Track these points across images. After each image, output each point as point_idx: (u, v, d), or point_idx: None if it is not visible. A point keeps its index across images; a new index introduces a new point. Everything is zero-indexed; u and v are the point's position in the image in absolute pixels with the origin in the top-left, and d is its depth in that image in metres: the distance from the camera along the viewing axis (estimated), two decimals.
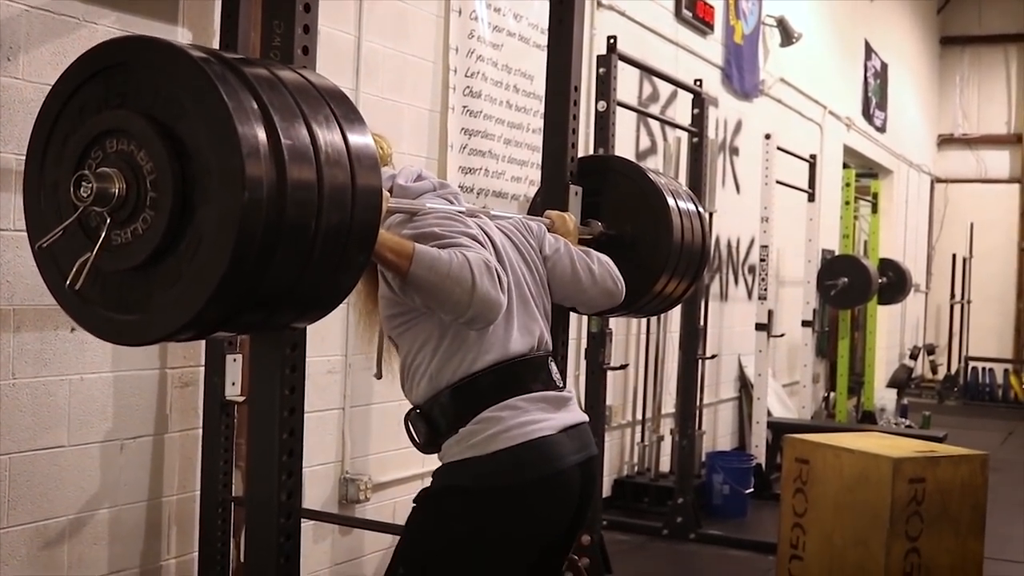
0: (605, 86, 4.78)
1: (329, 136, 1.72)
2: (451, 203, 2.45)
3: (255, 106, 1.63)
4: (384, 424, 4.50)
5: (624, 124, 5.90)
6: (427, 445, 2.34)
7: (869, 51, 12.11)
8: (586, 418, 2.44)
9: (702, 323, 6.38)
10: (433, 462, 4.99)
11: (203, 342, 3.60)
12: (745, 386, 8.38)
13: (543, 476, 2.25)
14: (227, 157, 1.58)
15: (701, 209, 3.34)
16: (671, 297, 3.27)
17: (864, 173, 12.13)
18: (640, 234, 3.16)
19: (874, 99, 12.36)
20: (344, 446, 4.34)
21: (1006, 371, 14.38)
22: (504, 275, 2.22)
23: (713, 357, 7.27)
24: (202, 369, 3.61)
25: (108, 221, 1.68)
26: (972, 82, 16.18)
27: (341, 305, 3.88)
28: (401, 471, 4.65)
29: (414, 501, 2.37)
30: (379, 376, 2.52)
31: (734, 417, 8.43)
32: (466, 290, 2.07)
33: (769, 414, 7.70)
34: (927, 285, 15.43)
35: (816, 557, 4.19)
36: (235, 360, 3.52)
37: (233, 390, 3.53)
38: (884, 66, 12.72)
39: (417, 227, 2.25)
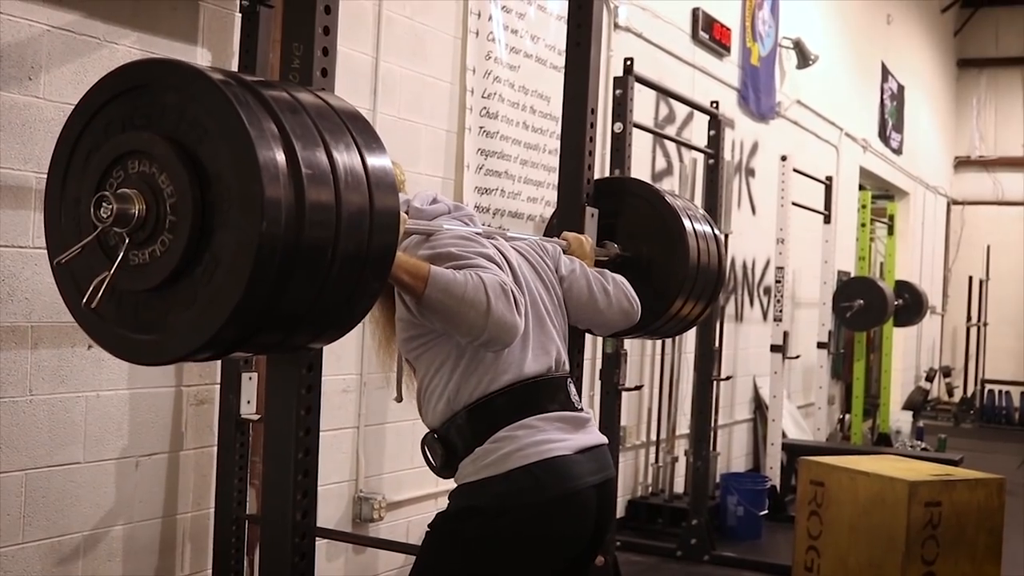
0: (622, 107, 4.79)
1: (348, 160, 1.73)
2: (467, 225, 2.45)
3: (275, 130, 1.64)
4: (399, 443, 4.51)
5: (640, 145, 5.91)
6: (444, 468, 2.32)
7: (886, 73, 12.11)
8: (605, 440, 2.42)
9: (717, 344, 6.37)
10: (447, 481, 4.98)
11: (219, 361, 3.61)
12: (760, 407, 8.35)
13: (559, 496, 2.22)
14: (247, 183, 1.59)
15: (717, 231, 3.34)
16: (687, 319, 3.27)
17: (880, 195, 12.10)
18: (656, 256, 3.17)
19: (891, 121, 12.34)
20: (358, 465, 4.34)
21: (1023, 394, 14.30)
22: (520, 296, 2.21)
23: (728, 378, 7.25)
24: (218, 387, 3.63)
25: (127, 242, 1.69)
26: (989, 104, 16.15)
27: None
28: (415, 490, 4.64)
29: (429, 526, 2.34)
30: (400, 400, 2.50)
31: (749, 438, 8.40)
32: (481, 313, 2.06)
33: (784, 436, 7.67)
34: (943, 307, 15.37)
35: None
36: (251, 379, 3.54)
37: (248, 408, 3.55)
38: (901, 88, 12.71)
39: (433, 247, 2.25)
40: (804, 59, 8.66)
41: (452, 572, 2.23)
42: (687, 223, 3.15)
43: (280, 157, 1.62)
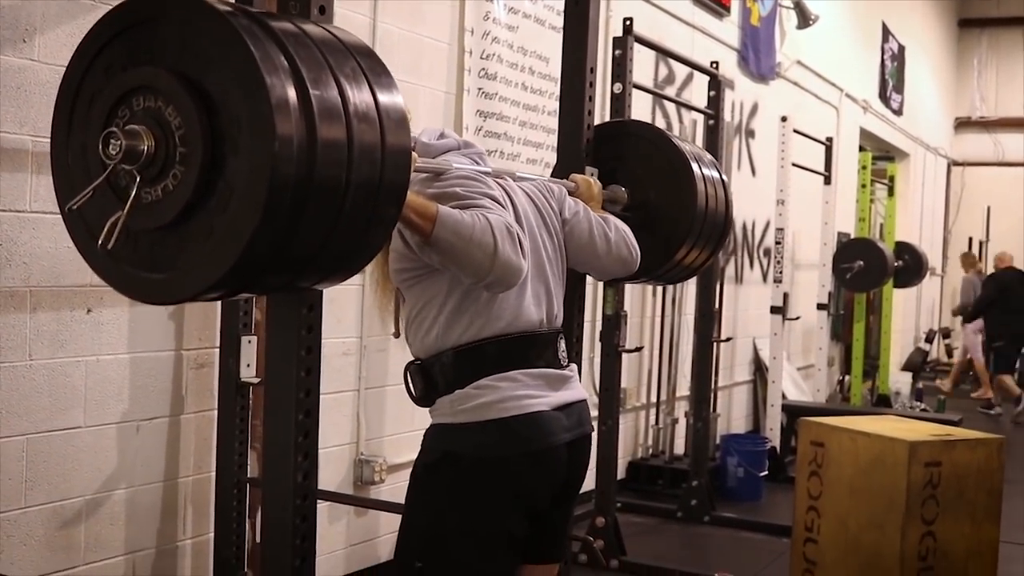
0: (621, 68, 4.76)
1: (358, 91, 1.70)
2: (476, 163, 2.43)
3: (283, 60, 1.61)
4: (399, 406, 4.51)
5: (640, 106, 5.88)
6: (422, 399, 2.35)
7: (886, 33, 12.04)
8: (585, 396, 2.45)
9: (717, 306, 6.37)
10: None
11: (219, 323, 3.61)
12: (760, 369, 8.36)
13: (533, 450, 2.27)
14: (256, 108, 1.57)
15: (724, 176, 3.28)
16: (692, 266, 3.22)
17: (881, 156, 12.06)
18: (663, 201, 3.10)
19: (891, 82, 12.29)
20: (359, 428, 4.35)
21: (1022, 353, 14.29)
22: (524, 239, 2.21)
23: (728, 340, 7.26)
24: (217, 351, 3.62)
25: (138, 179, 1.67)
26: (990, 65, 16.09)
27: (356, 288, 3.90)
28: (415, 452, 4.64)
29: (412, 474, 2.39)
30: (397, 335, 2.50)
31: (749, 400, 8.42)
32: (487, 254, 2.07)
33: (784, 397, 7.68)
34: (943, 268, 15.36)
35: (831, 540, 4.18)
36: (250, 342, 3.53)
37: (248, 372, 3.55)
38: (901, 48, 12.64)
39: (439, 187, 2.24)
40: (804, 19, 8.59)
41: (434, 522, 2.28)
42: (695, 166, 3.09)
43: (288, 82, 1.60)
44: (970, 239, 14.39)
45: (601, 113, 5.06)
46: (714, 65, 5.76)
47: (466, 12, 4.73)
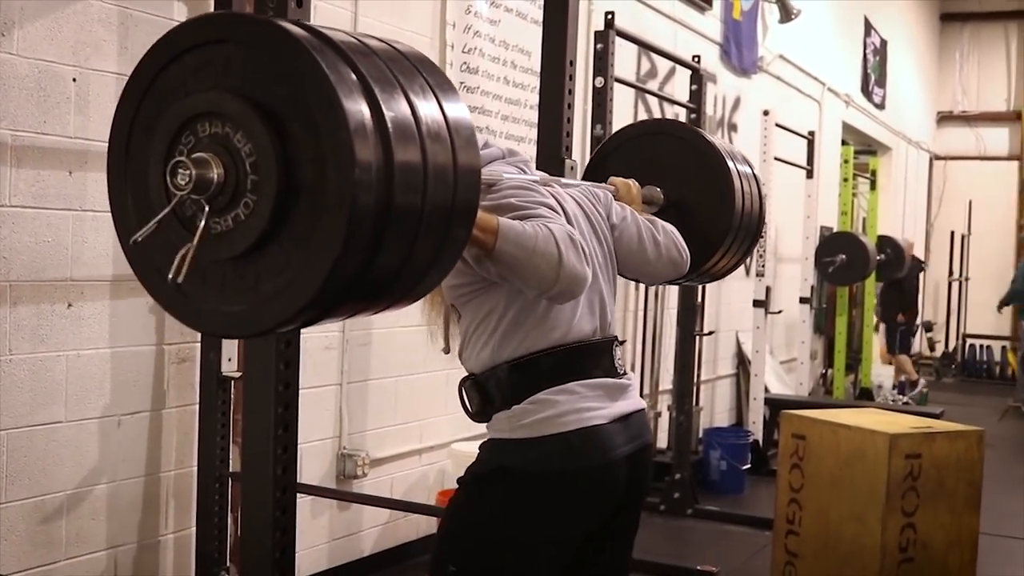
0: (603, 62, 4.76)
1: (428, 109, 1.65)
2: (522, 171, 2.36)
3: (355, 79, 1.56)
4: (382, 400, 4.51)
5: (622, 100, 5.88)
6: (478, 415, 2.29)
7: (868, 27, 12.07)
8: (643, 405, 2.38)
9: (700, 299, 6.38)
10: (431, 437, 5.01)
11: None
12: (743, 363, 8.39)
13: (590, 466, 2.21)
14: (334, 133, 1.51)
15: (756, 171, 3.20)
16: (728, 265, 3.13)
17: (863, 150, 12.09)
18: (701, 200, 3.01)
19: (873, 76, 12.32)
20: (342, 422, 4.35)
21: (1003, 348, 14.40)
22: (586, 247, 2.15)
23: (711, 333, 7.27)
24: (198, 345, 3.62)
25: (207, 209, 1.59)
26: (972, 59, 16.13)
27: None
28: (399, 447, 4.66)
29: (459, 481, 2.32)
30: (447, 351, 2.43)
31: (731, 393, 8.45)
32: (552, 265, 2.01)
33: (766, 390, 7.71)
34: (925, 262, 15.42)
35: (812, 532, 4.20)
36: None
37: (230, 366, 3.54)
38: (884, 43, 12.67)
39: (493, 199, 2.17)
40: (786, 13, 8.61)
41: (478, 530, 2.22)
42: (731, 164, 3.01)
43: (363, 104, 1.54)
44: (952, 233, 14.45)
45: (583, 107, 5.07)
46: (696, 59, 5.77)
47: (448, 6, 4.73)
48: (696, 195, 3.02)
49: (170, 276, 1.61)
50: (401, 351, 4.59)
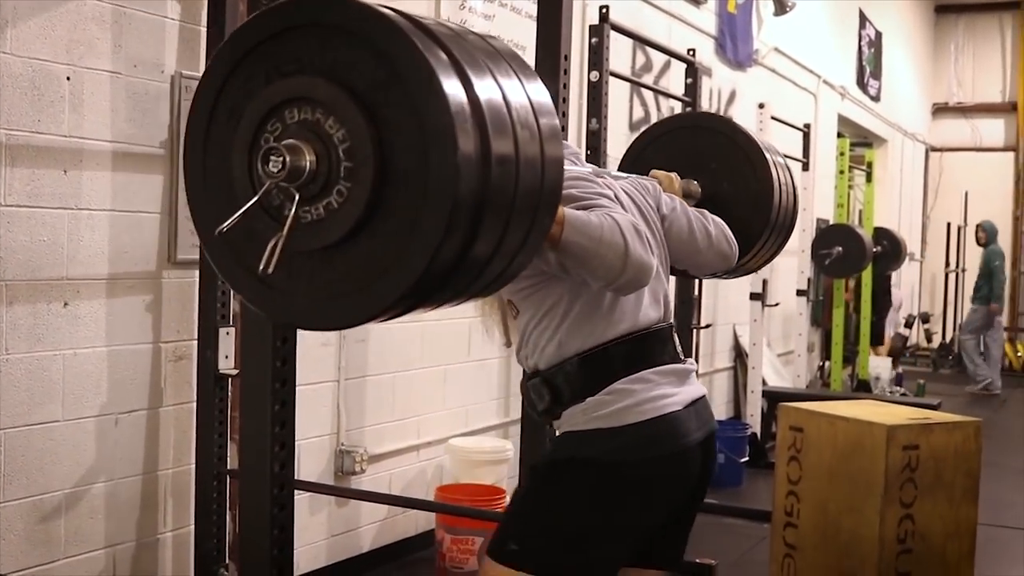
0: (598, 56, 4.75)
1: (518, 99, 1.62)
2: (574, 163, 2.32)
3: (452, 67, 1.51)
4: (379, 396, 4.51)
5: (617, 94, 5.88)
6: (546, 412, 2.25)
7: (863, 20, 12.06)
8: (705, 391, 2.37)
9: (697, 292, 6.38)
10: (428, 433, 5.00)
11: (196, 315, 3.60)
12: (740, 356, 8.39)
13: (670, 453, 2.20)
14: (436, 120, 1.47)
15: (788, 163, 3.17)
16: (765, 258, 3.12)
17: (858, 142, 12.10)
18: (739, 193, 2.98)
19: (868, 68, 12.32)
20: (339, 418, 4.34)
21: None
22: (650, 236, 2.13)
23: (708, 327, 7.26)
24: (195, 343, 3.61)
25: (297, 198, 1.55)
26: (967, 50, 16.13)
27: None
28: (397, 443, 4.66)
29: (529, 469, 2.30)
30: (508, 344, 2.41)
31: (729, 386, 8.45)
32: (619, 255, 1.97)
33: (764, 383, 7.71)
34: (922, 254, 15.43)
35: (810, 524, 4.20)
36: (228, 333, 3.53)
37: (227, 363, 3.54)
38: (878, 35, 12.67)
39: None
40: (781, 6, 8.62)
41: (551, 515, 2.19)
42: (769, 157, 2.99)
43: (462, 91, 1.50)
44: (948, 224, 14.45)
45: (578, 101, 5.07)
46: (691, 52, 5.76)
47: (442, 1, 4.72)
48: (733, 189, 2.99)
49: (260, 268, 1.56)
50: (398, 346, 4.59)
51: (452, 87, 1.48)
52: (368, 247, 1.54)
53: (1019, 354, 14.20)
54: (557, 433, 2.26)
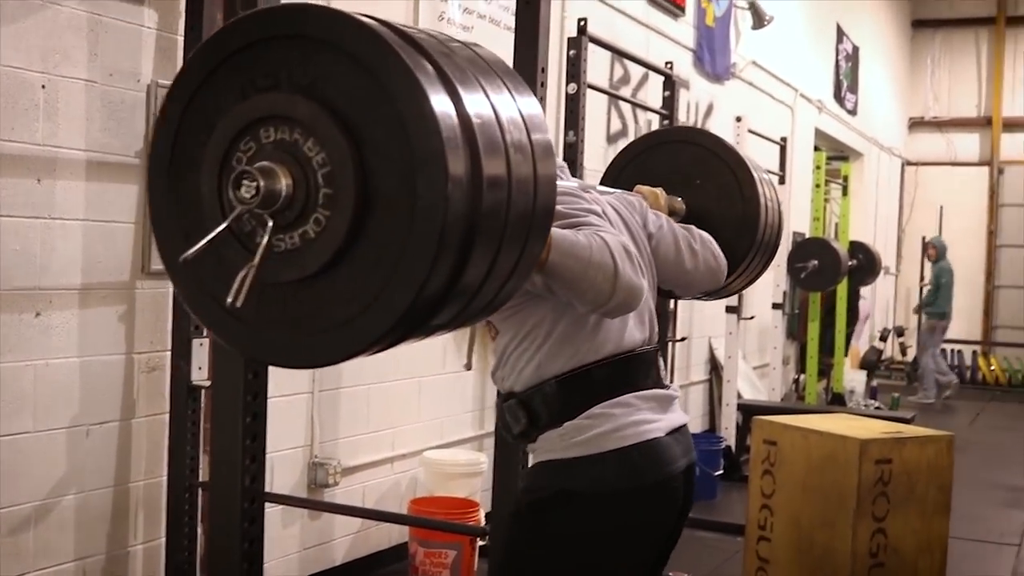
0: (576, 68, 4.76)
1: (511, 118, 1.51)
2: (560, 178, 2.13)
3: (442, 85, 1.41)
4: (353, 408, 4.50)
5: (595, 106, 5.89)
6: (521, 435, 2.15)
7: (841, 34, 12.14)
8: (688, 419, 2.28)
9: (672, 306, 6.40)
10: (403, 445, 4.98)
11: (170, 326, 3.58)
12: (715, 368, 8.41)
13: (654, 482, 2.10)
14: (425, 144, 1.36)
15: (774, 180, 3.07)
16: (748, 279, 3.03)
17: (835, 156, 12.16)
18: (724, 211, 2.89)
19: (845, 82, 12.39)
20: (313, 430, 4.33)
21: (974, 353, 14.52)
22: (640, 258, 2.04)
23: (683, 340, 7.29)
24: (168, 354, 3.59)
25: (270, 225, 1.43)
26: (943, 65, 16.25)
27: None
28: (371, 455, 4.64)
29: (511, 514, 2.18)
30: (469, 367, 2.35)
31: (704, 399, 8.47)
32: (608, 277, 1.88)
33: (739, 396, 7.73)
34: (897, 268, 15.52)
35: (784, 538, 4.21)
36: (202, 344, 3.51)
37: (200, 375, 3.52)
38: (856, 49, 12.75)
39: None
40: (759, 19, 8.65)
41: (545, 562, 2.09)
42: (755, 174, 2.93)
43: (453, 112, 1.40)
44: (924, 238, 14.53)
45: (556, 114, 5.08)
46: (668, 65, 5.79)
47: (420, 12, 4.73)
48: (719, 207, 2.91)
49: (228, 300, 1.45)
50: (373, 359, 4.54)
51: (441, 104, 1.38)
52: (348, 280, 1.43)
53: (992, 368, 14.31)
54: (532, 459, 2.17)
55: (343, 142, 1.39)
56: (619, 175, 3.03)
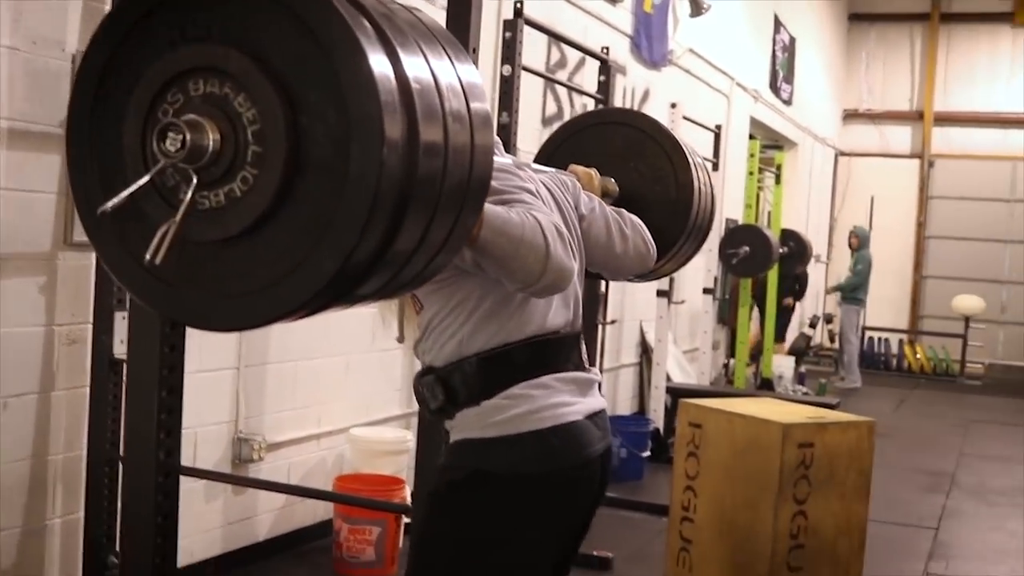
0: (511, 51, 4.75)
1: (450, 84, 1.47)
2: (495, 153, 2.10)
3: (381, 44, 1.37)
4: (280, 384, 4.47)
5: (531, 90, 5.90)
6: (439, 411, 2.13)
7: (778, 25, 12.25)
8: (606, 404, 2.27)
9: (604, 288, 6.43)
10: (329, 422, 4.95)
11: (92, 298, 3.53)
12: (646, 351, 8.47)
13: (571, 465, 2.08)
14: (362, 103, 1.32)
15: (708, 165, 3.06)
16: (679, 262, 3.04)
17: (769, 145, 12.29)
18: (656, 193, 2.88)
19: (781, 72, 12.51)
20: (238, 406, 4.29)
21: (901, 341, 14.79)
22: (571, 238, 2.01)
23: (614, 322, 7.34)
24: (90, 326, 3.54)
25: (195, 181, 1.38)
26: (878, 58, 16.47)
27: None
28: (296, 431, 4.62)
29: (430, 493, 2.15)
30: (402, 340, 2.29)
31: (635, 382, 8.53)
32: (539, 258, 1.85)
33: (669, 379, 7.80)
34: (828, 256, 15.73)
35: (707, 519, 4.26)
36: (124, 318, 3.45)
37: (121, 348, 3.46)
38: (792, 40, 12.87)
39: None
40: (697, 8, 8.70)
41: (463, 541, 2.07)
42: (690, 158, 2.91)
43: (391, 71, 1.35)
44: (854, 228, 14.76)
45: (490, 95, 5.06)
46: (604, 50, 5.80)
47: None
48: (652, 190, 2.90)
49: (147, 257, 1.40)
50: (301, 335, 4.54)
51: (380, 65, 1.34)
52: (274, 242, 1.39)
53: (917, 356, 14.58)
54: (451, 438, 2.16)
55: (276, 99, 1.35)
56: (554, 152, 3.01)
